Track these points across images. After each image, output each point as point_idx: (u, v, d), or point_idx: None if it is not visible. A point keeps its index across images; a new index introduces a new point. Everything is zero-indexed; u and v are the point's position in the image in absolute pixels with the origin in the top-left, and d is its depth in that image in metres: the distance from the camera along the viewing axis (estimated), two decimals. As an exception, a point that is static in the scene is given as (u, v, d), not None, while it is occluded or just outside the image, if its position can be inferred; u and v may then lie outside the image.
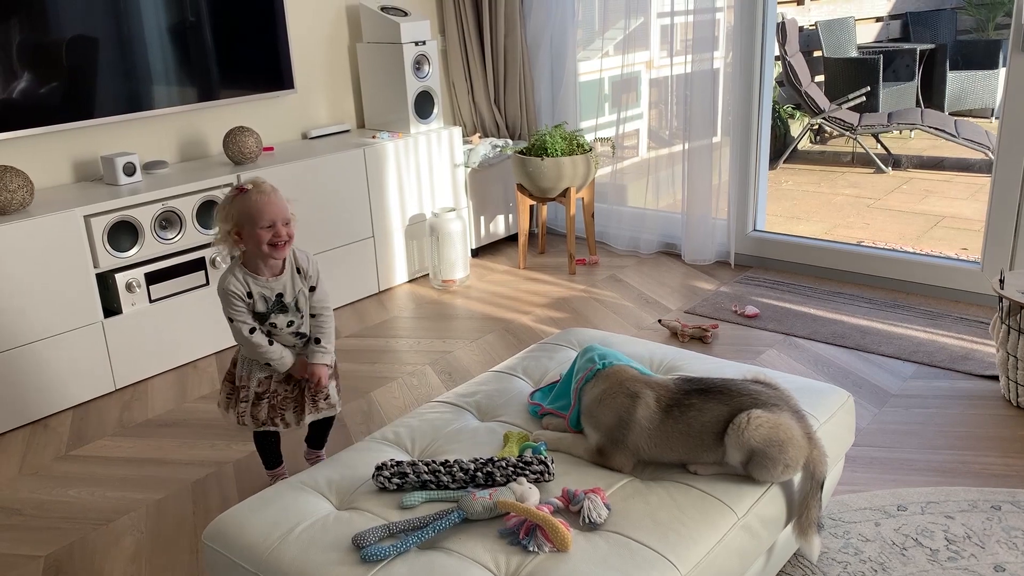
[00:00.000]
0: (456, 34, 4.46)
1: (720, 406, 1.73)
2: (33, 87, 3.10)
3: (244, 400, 2.27)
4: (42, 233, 2.88)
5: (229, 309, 2.16)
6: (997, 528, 2.13)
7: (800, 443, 1.71)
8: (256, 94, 3.75)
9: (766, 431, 1.68)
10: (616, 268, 4.18)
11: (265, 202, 2.06)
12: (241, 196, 2.07)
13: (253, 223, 2.07)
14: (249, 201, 2.06)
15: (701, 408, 1.74)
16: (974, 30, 8.01)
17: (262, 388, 2.27)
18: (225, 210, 2.10)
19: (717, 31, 3.91)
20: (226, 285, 2.14)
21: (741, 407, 1.72)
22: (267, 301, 2.17)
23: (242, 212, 2.07)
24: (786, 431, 1.70)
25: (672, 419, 1.74)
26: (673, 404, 1.76)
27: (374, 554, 1.50)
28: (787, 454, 1.69)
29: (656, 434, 1.74)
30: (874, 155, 6.11)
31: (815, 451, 1.74)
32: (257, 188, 2.08)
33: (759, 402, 1.73)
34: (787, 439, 1.69)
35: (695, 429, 1.73)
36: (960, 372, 2.96)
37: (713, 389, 1.77)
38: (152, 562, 2.20)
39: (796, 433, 1.71)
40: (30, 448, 2.80)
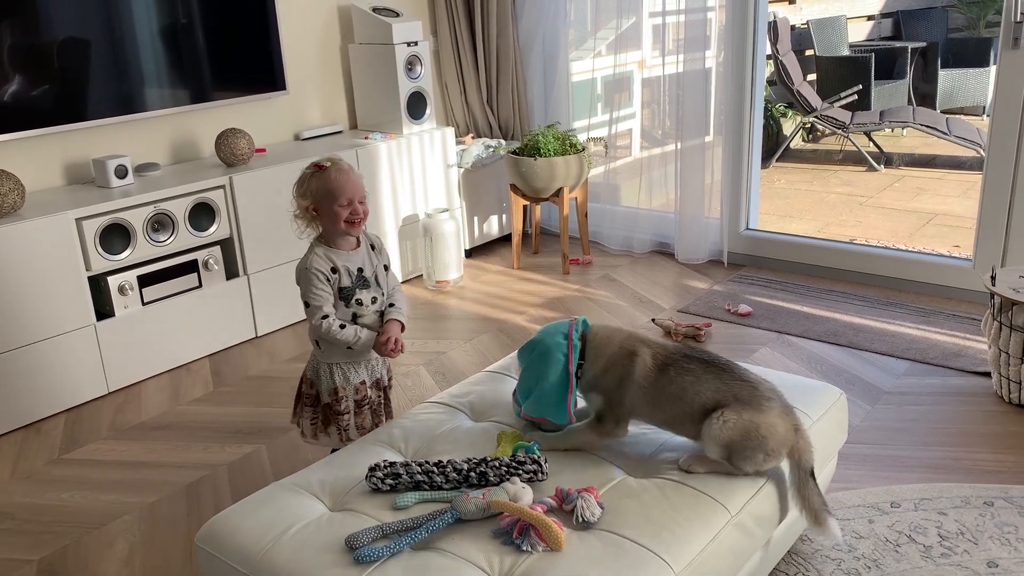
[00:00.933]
0: (448, 35, 4.46)
1: (717, 382, 1.75)
2: (24, 89, 3.09)
3: (345, 412, 2.18)
4: (34, 236, 2.87)
5: (309, 291, 2.08)
6: (990, 524, 2.14)
7: (782, 433, 1.72)
8: (248, 95, 3.74)
9: (741, 426, 1.69)
10: (610, 268, 4.18)
11: (344, 180, 2.06)
12: (319, 173, 2.06)
13: (331, 200, 2.06)
14: (328, 178, 2.06)
15: (699, 376, 1.76)
16: (965, 28, 8.04)
17: (360, 395, 2.19)
18: (303, 186, 2.08)
19: (709, 30, 3.91)
20: (308, 264, 2.08)
21: (737, 393, 1.73)
22: (351, 275, 2.12)
23: (320, 189, 2.06)
24: (767, 428, 1.70)
25: (666, 378, 1.77)
26: (669, 364, 1.78)
27: (367, 555, 1.49)
28: (767, 443, 1.70)
29: (650, 392, 1.77)
30: (866, 153, 6.13)
31: (801, 441, 1.74)
32: (335, 166, 2.07)
33: (756, 392, 1.73)
34: (768, 432, 1.70)
35: (688, 395, 1.75)
36: (952, 369, 2.97)
37: (716, 364, 1.78)
38: (145, 565, 2.19)
39: (778, 426, 1.72)
40: (23, 452, 2.79)
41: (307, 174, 2.09)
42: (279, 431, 2.81)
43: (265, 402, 3.03)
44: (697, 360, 1.79)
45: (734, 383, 1.75)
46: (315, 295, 2.08)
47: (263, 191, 3.47)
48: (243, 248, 3.45)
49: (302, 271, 2.10)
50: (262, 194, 3.47)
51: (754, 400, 1.74)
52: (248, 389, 3.14)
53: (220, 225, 3.37)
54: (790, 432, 1.74)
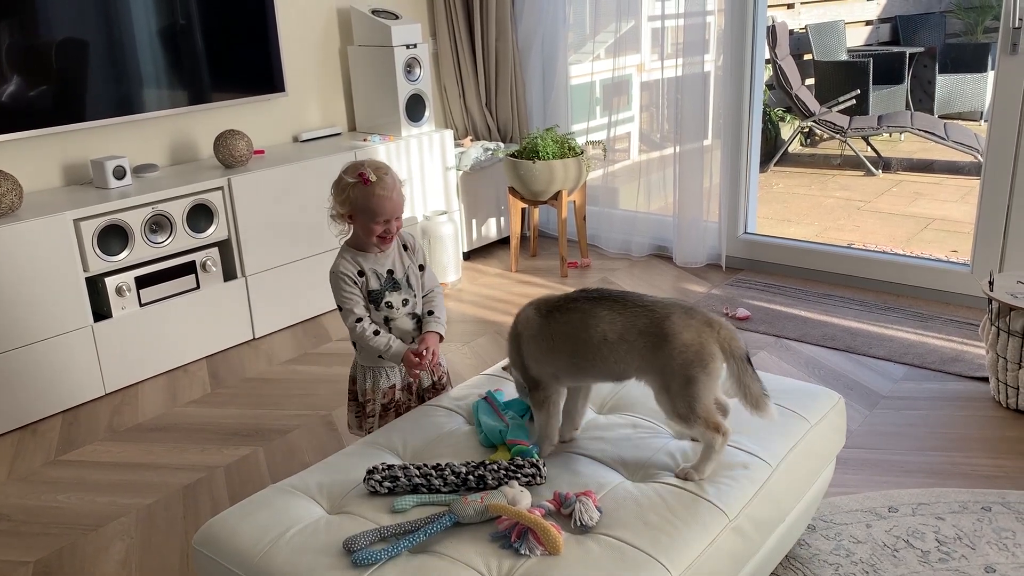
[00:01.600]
0: (447, 37, 4.46)
1: (612, 315, 1.74)
2: (22, 90, 3.09)
3: (371, 415, 2.20)
4: (31, 237, 2.87)
5: (340, 294, 2.08)
6: (987, 529, 2.14)
7: (698, 340, 1.71)
8: (247, 97, 3.74)
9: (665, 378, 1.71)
10: (608, 271, 4.18)
11: (385, 199, 2.01)
12: (362, 187, 2.00)
13: (368, 218, 2.03)
14: (371, 196, 2.00)
15: (587, 311, 1.76)
16: (963, 33, 8.06)
17: (387, 399, 2.19)
18: (344, 194, 2.03)
19: (708, 34, 3.92)
20: (336, 268, 2.09)
21: (638, 325, 1.72)
22: (379, 277, 2.10)
23: (359, 203, 2.02)
24: (682, 348, 1.69)
25: (553, 322, 1.79)
26: (554, 309, 1.81)
27: (365, 558, 1.49)
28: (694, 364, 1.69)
29: (540, 340, 1.80)
30: (864, 158, 6.13)
31: (722, 331, 1.73)
32: (380, 183, 2.01)
33: (654, 315, 1.73)
34: (685, 352, 1.69)
35: (581, 332, 1.75)
36: (950, 374, 2.97)
37: (609, 298, 1.78)
38: (142, 567, 2.19)
39: (688, 336, 1.70)
40: (19, 453, 2.79)
41: (349, 183, 2.02)
42: (277, 433, 2.81)
43: (263, 404, 3.03)
44: (586, 299, 1.79)
45: (629, 313, 1.75)
46: (345, 298, 2.08)
47: (261, 193, 3.47)
48: (241, 250, 3.45)
49: (331, 276, 2.10)
50: (260, 196, 3.47)
51: (655, 326, 1.72)
52: (246, 391, 3.14)
53: (218, 227, 3.37)
54: (704, 331, 1.72)
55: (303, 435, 2.79)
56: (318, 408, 2.97)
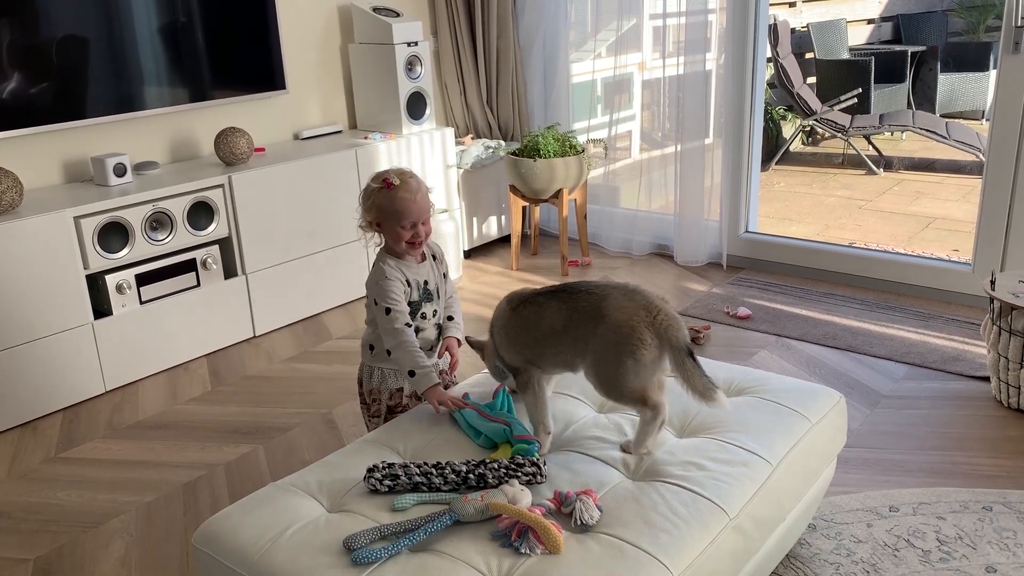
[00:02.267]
0: (448, 35, 4.46)
1: (558, 303, 1.80)
2: (23, 87, 3.09)
3: (376, 416, 2.19)
4: (32, 234, 2.86)
5: (388, 296, 2.02)
6: (988, 529, 2.14)
7: (631, 323, 1.71)
8: (248, 95, 3.73)
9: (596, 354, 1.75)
10: (608, 269, 4.18)
11: (409, 201, 2.01)
12: (387, 191, 2.01)
13: (394, 220, 2.02)
14: (394, 199, 2.01)
15: (542, 304, 1.82)
16: (965, 32, 8.04)
17: (394, 401, 2.17)
18: (369, 200, 2.04)
19: (709, 33, 3.91)
20: (384, 274, 2.04)
21: (580, 308, 1.76)
22: (418, 288, 2.10)
23: (384, 207, 2.02)
24: (613, 328, 1.71)
25: (517, 316, 1.87)
26: (521, 302, 1.87)
27: (365, 557, 1.49)
28: (623, 344, 1.71)
29: (507, 331, 1.88)
30: (866, 157, 6.13)
31: (660, 317, 1.72)
32: (404, 185, 2.02)
33: (593, 297, 1.76)
34: (616, 332, 1.72)
35: (534, 324, 1.82)
36: (951, 373, 2.97)
37: (563, 290, 1.82)
38: (142, 565, 2.18)
39: (620, 316, 1.72)
40: (19, 450, 2.78)
41: (374, 188, 2.03)
42: (277, 431, 2.81)
43: (263, 402, 3.03)
44: (545, 293, 1.84)
45: (572, 300, 1.78)
46: (395, 299, 2.02)
47: (262, 191, 3.47)
48: (242, 247, 3.45)
49: (378, 281, 2.05)
50: (261, 193, 3.47)
51: (592, 307, 1.75)
52: (246, 389, 3.14)
53: (219, 224, 3.37)
54: (638, 314, 1.71)
55: (303, 433, 2.79)
56: (318, 406, 2.96)
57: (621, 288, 1.78)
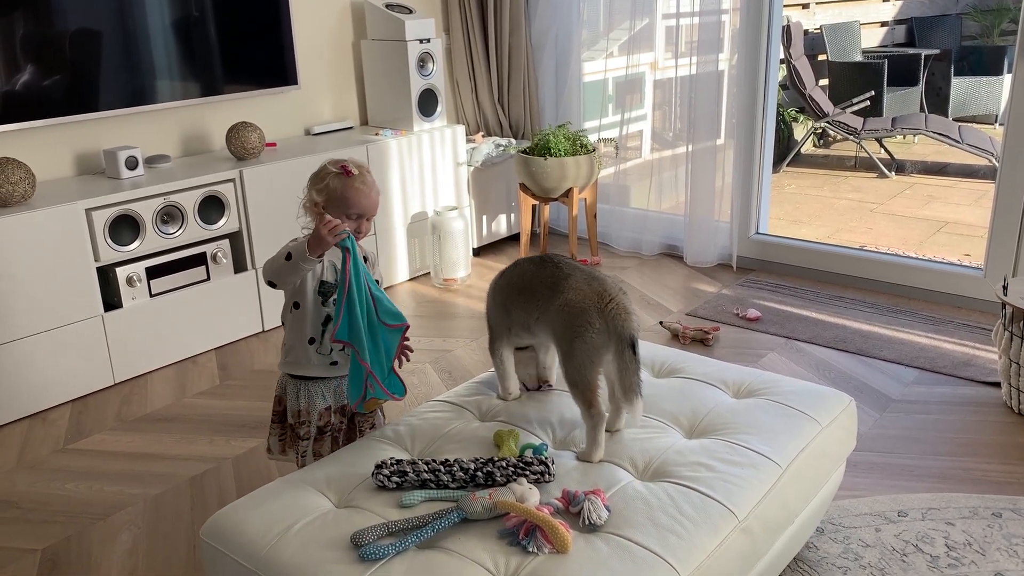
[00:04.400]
0: (461, 32, 4.45)
1: (530, 266, 1.90)
2: (36, 79, 3.10)
3: (306, 438, 2.08)
4: (43, 226, 2.87)
5: (284, 247, 1.93)
6: (998, 535, 2.13)
7: (583, 305, 1.77)
8: (260, 89, 3.74)
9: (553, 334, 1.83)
10: (618, 269, 4.17)
11: (363, 194, 1.98)
12: (343, 177, 1.98)
13: (341, 208, 1.98)
14: (349, 186, 1.98)
15: (518, 265, 1.95)
16: (979, 36, 8.00)
17: (323, 421, 2.09)
18: (323, 182, 1.99)
19: (722, 33, 3.90)
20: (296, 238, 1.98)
21: (541, 272, 1.87)
22: (336, 270, 2.02)
23: (336, 192, 1.97)
24: (566, 307, 1.79)
25: (501, 274, 2.00)
26: (510, 265, 1.99)
27: (373, 553, 1.49)
28: (573, 323, 1.77)
29: (493, 293, 2.01)
30: (877, 160, 6.10)
31: (611, 305, 1.75)
32: (360, 177, 1.99)
33: (558, 273, 1.84)
34: (568, 310, 1.79)
35: (509, 286, 1.95)
36: (962, 378, 2.96)
37: (538, 258, 1.92)
38: (149, 557, 2.19)
39: (574, 297, 1.79)
40: (28, 441, 2.79)
41: (331, 172, 1.99)
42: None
43: (271, 397, 3.01)
44: (528, 258, 1.94)
45: (541, 266, 1.87)
46: (286, 249, 1.92)
47: (273, 185, 3.47)
48: (252, 242, 3.45)
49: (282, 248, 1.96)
50: (272, 188, 3.47)
51: (554, 281, 1.84)
52: (254, 383, 3.14)
53: (229, 218, 3.37)
54: (591, 299, 1.76)
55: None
56: (326, 401, 2.96)
57: (587, 272, 1.85)
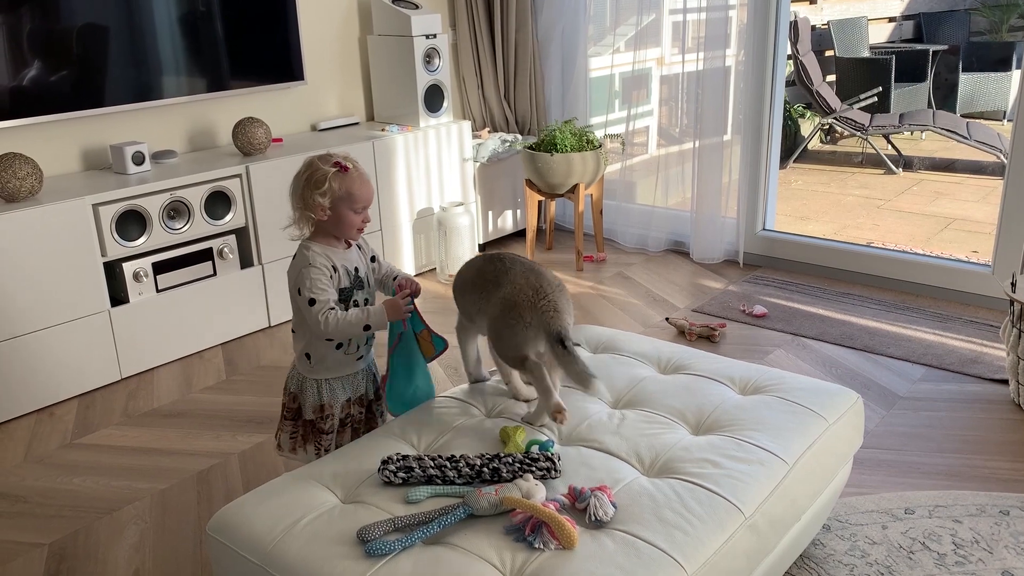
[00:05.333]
0: (467, 28, 4.45)
1: (482, 263, 1.98)
2: (43, 75, 3.10)
3: (329, 431, 2.08)
4: (51, 221, 2.88)
5: (315, 286, 1.93)
6: (1005, 533, 2.12)
7: (516, 300, 1.82)
8: (266, 85, 3.74)
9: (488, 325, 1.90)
10: (624, 265, 4.16)
11: (363, 184, 1.98)
12: (342, 174, 1.96)
13: (348, 204, 1.97)
14: (352, 182, 1.97)
15: (472, 263, 2.03)
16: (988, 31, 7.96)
17: (344, 413, 2.10)
18: (324, 185, 1.95)
19: (729, 29, 3.89)
20: (307, 260, 1.95)
21: (488, 268, 1.94)
22: (349, 275, 2.02)
23: (341, 191, 1.95)
24: (501, 302, 1.85)
25: (460, 274, 2.06)
26: (465, 264, 2.06)
27: (379, 548, 1.49)
28: (506, 316, 1.83)
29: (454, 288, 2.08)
30: (885, 156, 6.08)
31: (541, 303, 1.80)
32: (356, 169, 1.99)
33: (500, 267, 1.91)
34: (500, 305, 1.85)
35: (461, 278, 2.04)
36: (969, 375, 2.94)
37: (492, 255, 1.97)
38: (156, 552, 2.20)
39: (509, 291, 1.85)
40: (36, 436, 2.80)
41: (330, 172, 1.95)
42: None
43: (277, 392, 3.02)
44: (485, 255, 2.00)
45: (490, 263, 1.94)
46: (321, 289, 1.93)
47: (279, 181, 3.47)
48: (258, 237, 3.46)
49: (302, 269, 1.96)
50: (278, 184, 3.47)
51: (496, 275, 1.91)
52: (260, 378, 3.14)
53: (236, 214, 3.37)
54: (525, 294, 1.80)
55: (317, 424, 2.79)
56: (332, 397, 2.97)
57: (528, 266, 1.90)
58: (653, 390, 2.03)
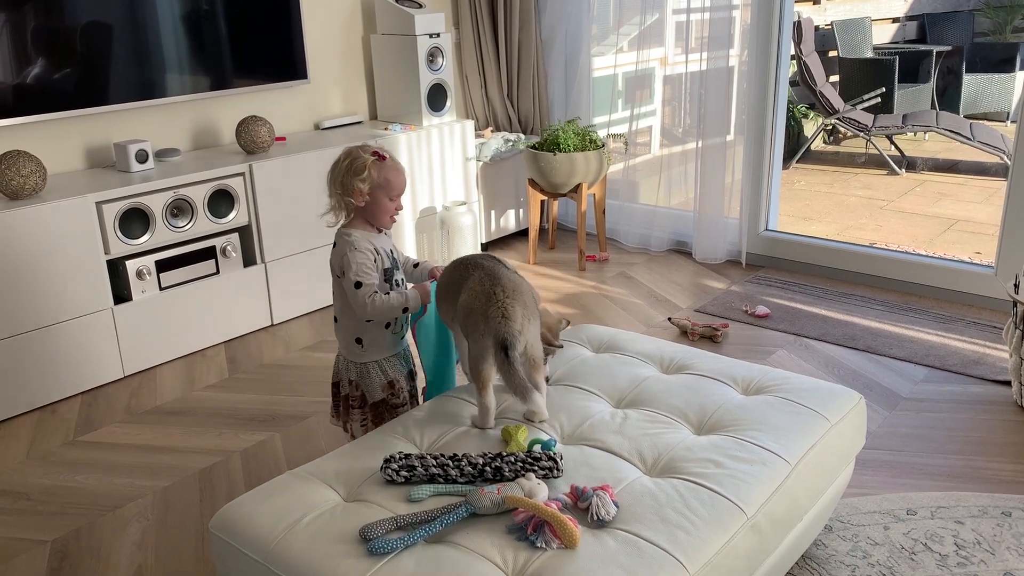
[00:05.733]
0: (470, 27, 4.45)
1: (454, 268, 1.99)
2: (47, 73, 3.11)
3: (403, 404, 2.19)
4: (54, 218, 2.88)
5: (361, 270, 2.04)
6: (1007, 534, 2.12)
7: (472, 304, 1.82)
8: (269, 84, 3.74)
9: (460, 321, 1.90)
10: (626, 265, 4.16)
11: (399, 173, 2.10)
12: (381, 163, 2.07)
13: (385, 192, 2.08)
14: (389, 170, 2.08)
15: (448, 270, 2.03)
16: (991, 32, 7.96)
17: (409, 385, 2.24)
18: (364, 172, 2.04)
19: (733, 29, 3.88)
20: (352, 245, 2.05)
21: (457, 274, 1.95)
22: (388, 257, 2.14)
23: (380, 179, 2.06)
24: (464, 304, 1.87)
25: (439, 281, 2.07)
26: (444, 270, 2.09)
27: (381, 547, 1.49)
28: (468, 319, 1.83)
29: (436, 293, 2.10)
30: (888, 157, 6.08)
31: (490, 309, 1.78)
32: (392, 158, 2.10)
33: (467, 268, 1.92)
34: (463, 307, 1.87)
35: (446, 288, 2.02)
36: (972, 377, 2.94)
37: (469, 260, 1.98)
38: (158, 549, 2.20)
39: (466, 295, 1.86)
40: (38, 433, 2.81)
41: (369, 161, 2.05)
42: (293, 419, 2.82)
43: (279, 390, 3.04)
44: (452, 264, 2.02)
45: (460, 268, 1.95)
46: (367, 272, 2.04)
47: (282, 179, 3.48)
48: (261, 236, 3.46)
49: (346, 253, 2.05)
50: (281, 182, 3.47)
51: (462, 280, 1.92)
52: (263, 377, 3.15)
53: (239, 212, 3.38)
54: (479, 301, 1.80)
55: (319, 422, 2.80)
56: (334, 396, 2.97)
57: (488, 271, 1.89)
58: (655, 390, 2.03)
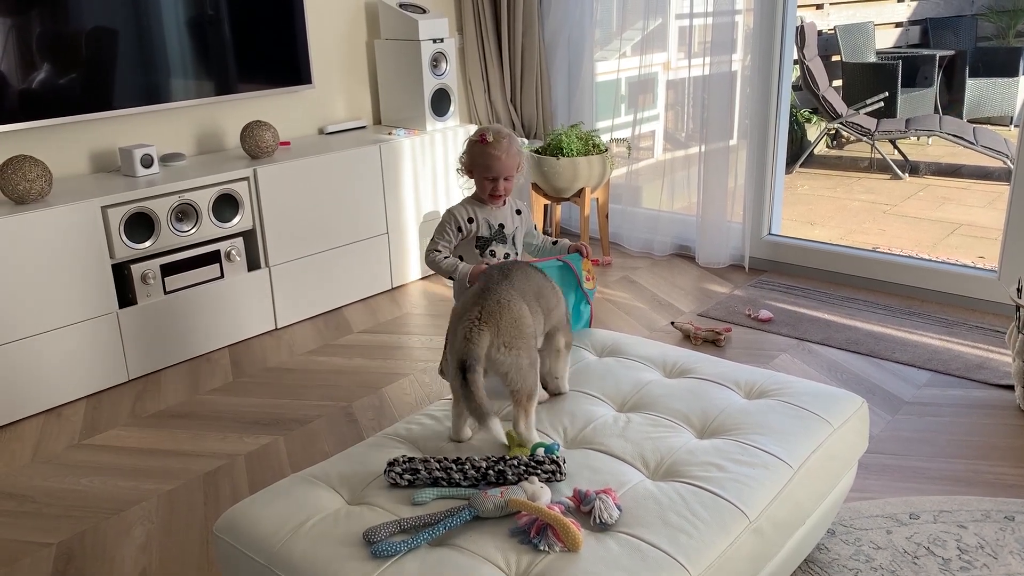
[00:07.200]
0: (474, 32, 4.46)
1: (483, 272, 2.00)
2: (53, 78, 3.12)
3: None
4: (60, 223, 2.90)
5: (439, 228, 2.35)
6: (1010, 539, 2.12)
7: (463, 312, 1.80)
8: (274, 88, 3.76)
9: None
10: (629, 269, 4.17)
11: (496, 158, 2.29)
12: (480, 145, 2.30)
13: (481, 172, 2.33)
14: (485, 153, 2.30)
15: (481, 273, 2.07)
16: (994, 37, 7.96)
17: None
18: (467, 147, 2.35)
19: (736, 33, 3.89)
20: (451, 208, 2.36)
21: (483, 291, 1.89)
22: (491, 227, 2.37)
23: (476, 158, 2.32)
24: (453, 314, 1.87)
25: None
26: None
27: (385, 550, 1.50)
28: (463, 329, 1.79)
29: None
30: (891, 161, 6.08)
31: (460, 325, 1.76)
32: (496, 143, 2.29)
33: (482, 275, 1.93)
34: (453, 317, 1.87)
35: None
36: (975, 381, 2.94)
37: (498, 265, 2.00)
38: (162, 552, 2.21)
39: (457, 308, 1.88)
40: (43, 436, 2.82)
41: (473, 139, 2.32)
42: (297, 423, 2.83)
43: (283, 394, 3.05)
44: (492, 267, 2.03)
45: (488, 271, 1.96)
46: (441, 234, 2.34)
47: (287, 184, 3.49)
48: (265, 240, 3.47)
49: (445, 212, 2.36)
50: (286, 187, 3.49)
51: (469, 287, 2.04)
52: (267, 380, 3.16)
53: (243, 217, 3.39)
54: (460, 311, 1.81)
55: (323, 426, 2.81)
56: (339, 399, 2.98)
57: (488, 283, 1.85)
58: (658, 394, 2.04)
